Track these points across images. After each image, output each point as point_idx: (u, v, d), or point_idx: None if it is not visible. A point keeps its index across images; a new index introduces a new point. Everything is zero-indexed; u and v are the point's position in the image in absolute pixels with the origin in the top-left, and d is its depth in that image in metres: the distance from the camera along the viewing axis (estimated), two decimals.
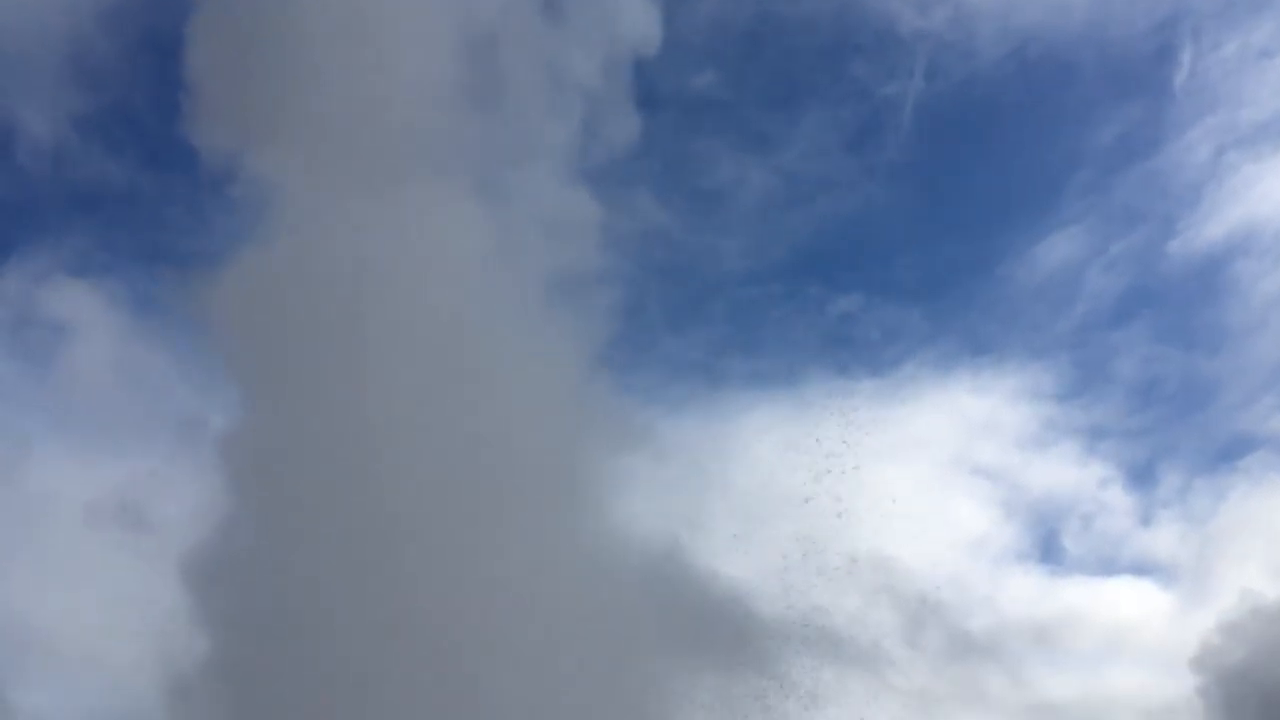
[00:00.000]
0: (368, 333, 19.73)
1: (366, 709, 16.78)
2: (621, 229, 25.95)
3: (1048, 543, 46.86)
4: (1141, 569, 46.22)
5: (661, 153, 38.32)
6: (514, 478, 20.12)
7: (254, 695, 17.57)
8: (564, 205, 22.85)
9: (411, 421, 19.25)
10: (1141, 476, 46.50)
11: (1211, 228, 45.34)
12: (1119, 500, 46.08)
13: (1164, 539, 46.16)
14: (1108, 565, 46.50)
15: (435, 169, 22.00)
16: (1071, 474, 45.98)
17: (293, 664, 17.36)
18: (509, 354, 20.89)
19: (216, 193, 22.14)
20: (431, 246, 20.95)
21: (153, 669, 18.76)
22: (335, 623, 17.54)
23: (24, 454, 30.06)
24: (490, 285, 21.56)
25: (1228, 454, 45.76)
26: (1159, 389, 46.43)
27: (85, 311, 28.64)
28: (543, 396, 20.89)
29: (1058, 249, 46.16)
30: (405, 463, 18.85)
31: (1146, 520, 46.38)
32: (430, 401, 19.52)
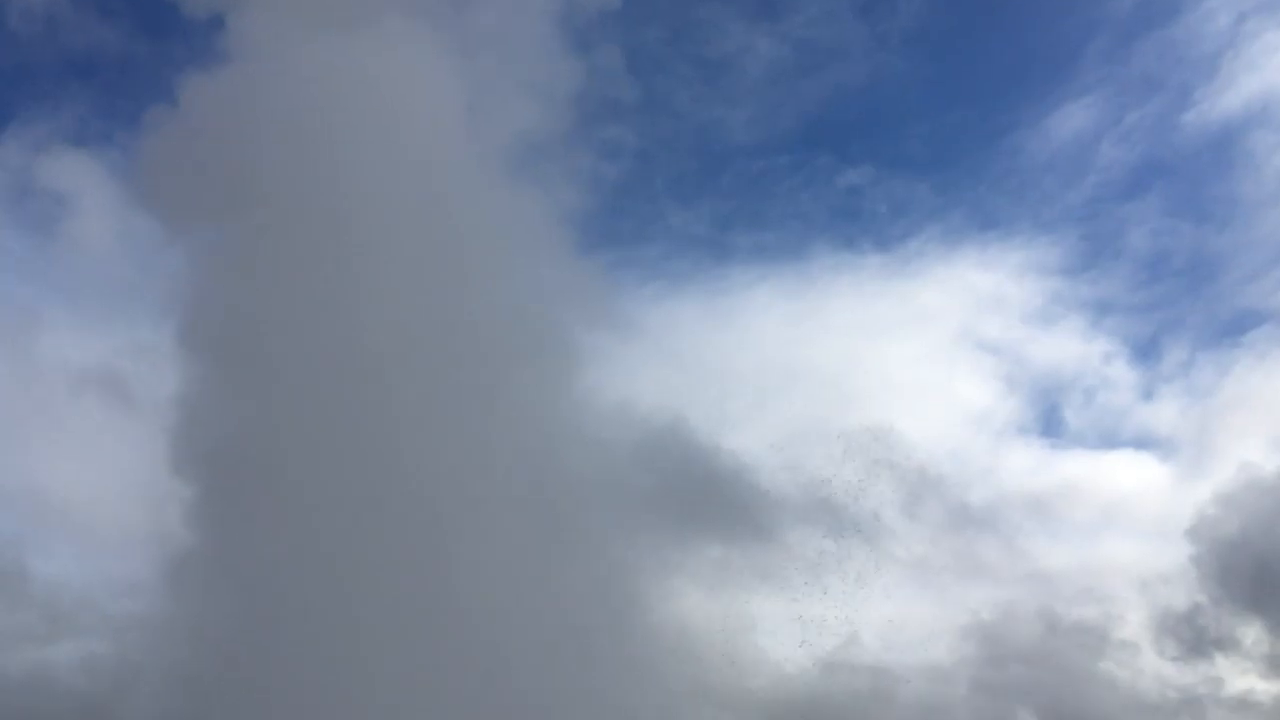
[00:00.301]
0: (343, 182, 19.22)
1: (358, 576, 16.89)
2: (620, 97, 25.18)
3: (1049, 416, 47.06)
4: (1141, 442, 46.53)
5: (665, 19, 37.02)
6: (499, 342, 19.88)
7: (243, 570, 17.44)
8: (545, 64, 21.87)
9: (395, 292, 18.91)
10: (1146, 351, 46.33)
11: (1228, 98, 43.68)
12: (1122, 375, 46.07)
13: (1165, 413, 46.30)
14: (1108, 439, 46.80)
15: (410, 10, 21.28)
16: (1076, 348, 45.83)
17: (284, 536, 17.31)
18: (485, 218, 20.34)
19: (207, 54, 21.22)
20: (403, 93, 20.25)
21: (150, 540, 18.87)
22: (321, 493, 17.49)
23: (30, 323, 29.82)
24: (463, 146, 20.89)
25: (1233, 328, 45.48)
26: (1167, 263, 45.85)
27: (85, 181, 27.95)
28: (516, 265, 20.48)
29: (1071, 120, 44.86)
30: (390, 332, 18.57)
31: (1149, 394, 46.47)
32: (407, 273, 19.11)
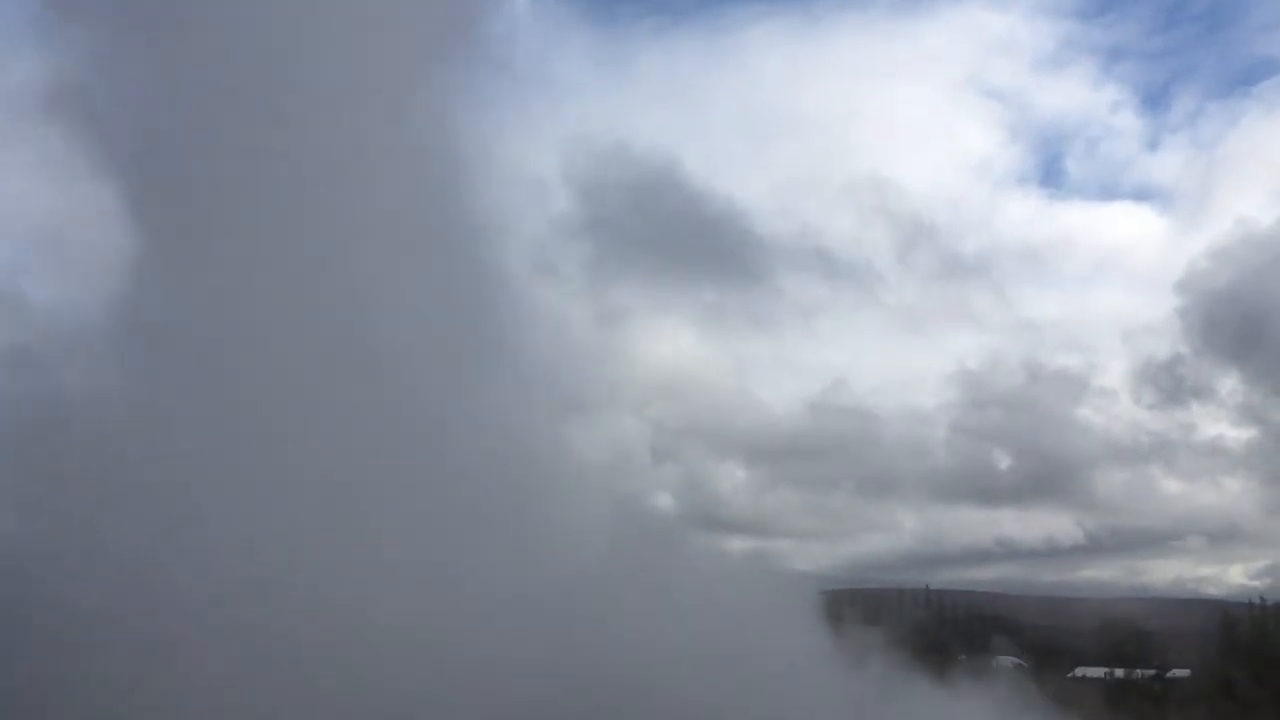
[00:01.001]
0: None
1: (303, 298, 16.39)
2: None
3: (1050, 166, 46.18)
4: (1141, 194, 45.82)
5: None
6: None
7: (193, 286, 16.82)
8: None
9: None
10: (1154, 100, 44.97)
11: None
12: (1128, 124, 44.83)
13: (1168, 164, 45.41)
14: (1108, 190, 46.08)
15: None
16: (1083, 96, 44.49)
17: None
18: None
19: None
20: None
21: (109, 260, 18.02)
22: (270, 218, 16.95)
23: None
24: None
25: (1246, 78, 44.09)
26: (1186, 8, 43.94)
27: None
28: None
29: None
30: None
31: (1153, 145, 45.38)
32: None
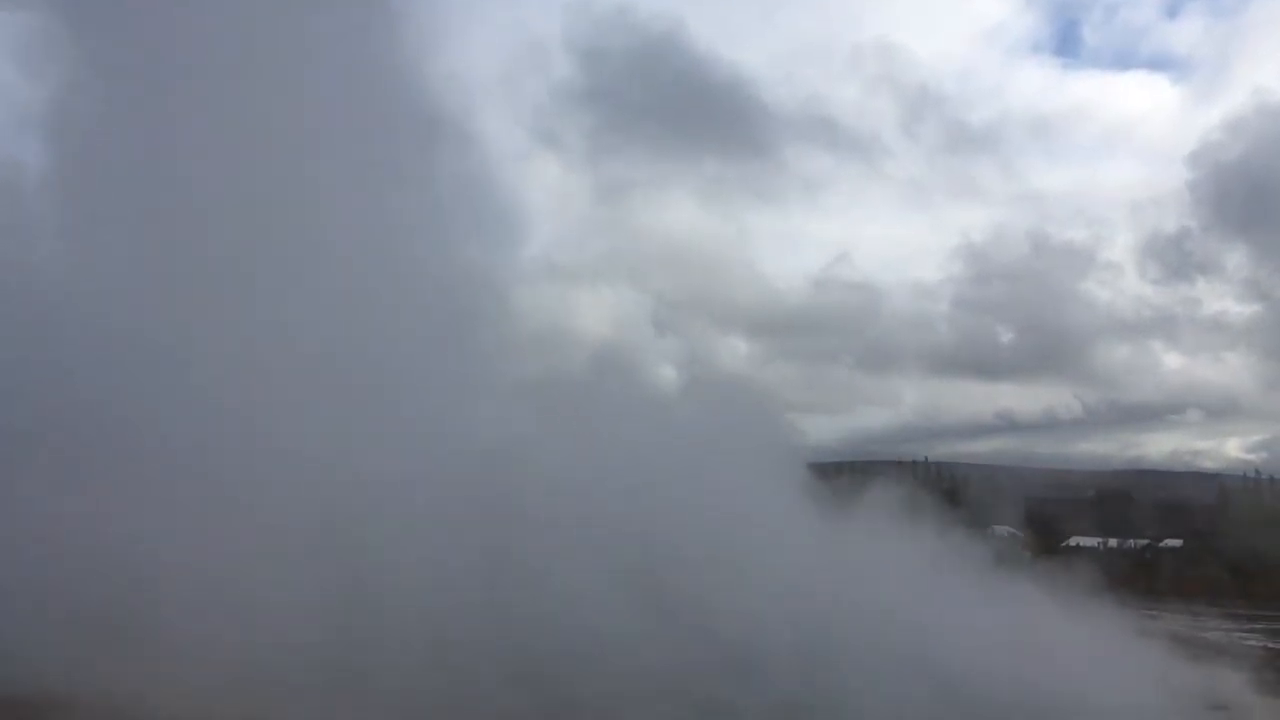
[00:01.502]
0: None
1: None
2: None
3: (1065, 34, 44.58)
4: (1157, 64, 44.38)
5: None
6: None
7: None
8: None
9: None
10: None
11: None
12: None
13: (1187, 32, 43.84)
14: (1123, 59, 44.61)
15: None
16: None
17: None
18: None
19: None
20: None
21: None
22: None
23: None
24: None
25: None
26: None
27: None
28: None
29: None
30: None
31: (1173, 12, 43.68)
32: None
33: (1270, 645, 24.25)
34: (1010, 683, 13.96)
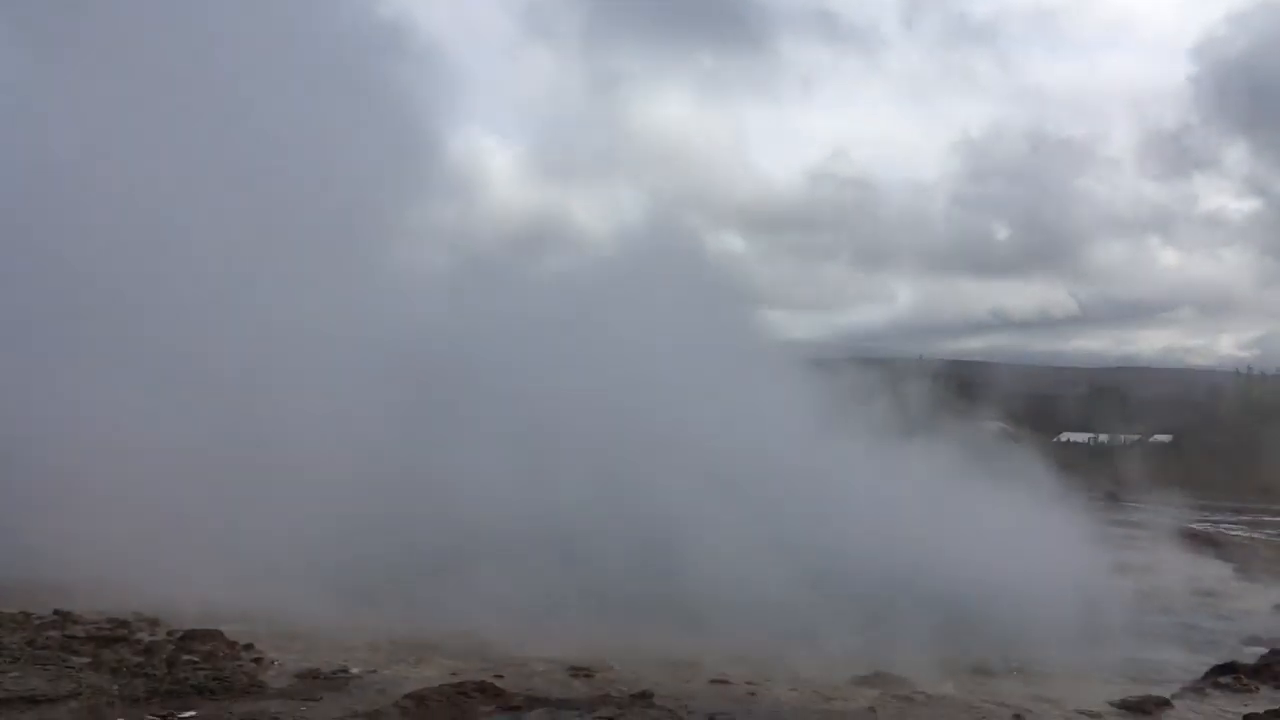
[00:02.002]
0: None
1: None
2: None
3: None
4: None
5: None
6: None
7: None
8: None
9: None
10: None
11: None
12: None
13: None
14: None
15: None
16: None
17: None
18: None
19: None
20: None
21: None
22: None
23: None
24: None
25: None
26: None
27: None
28: None
29: None
30: None
31: None
32: None
33: (1255, 536, 24.59)
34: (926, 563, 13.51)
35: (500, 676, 8.46)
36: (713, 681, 8.87)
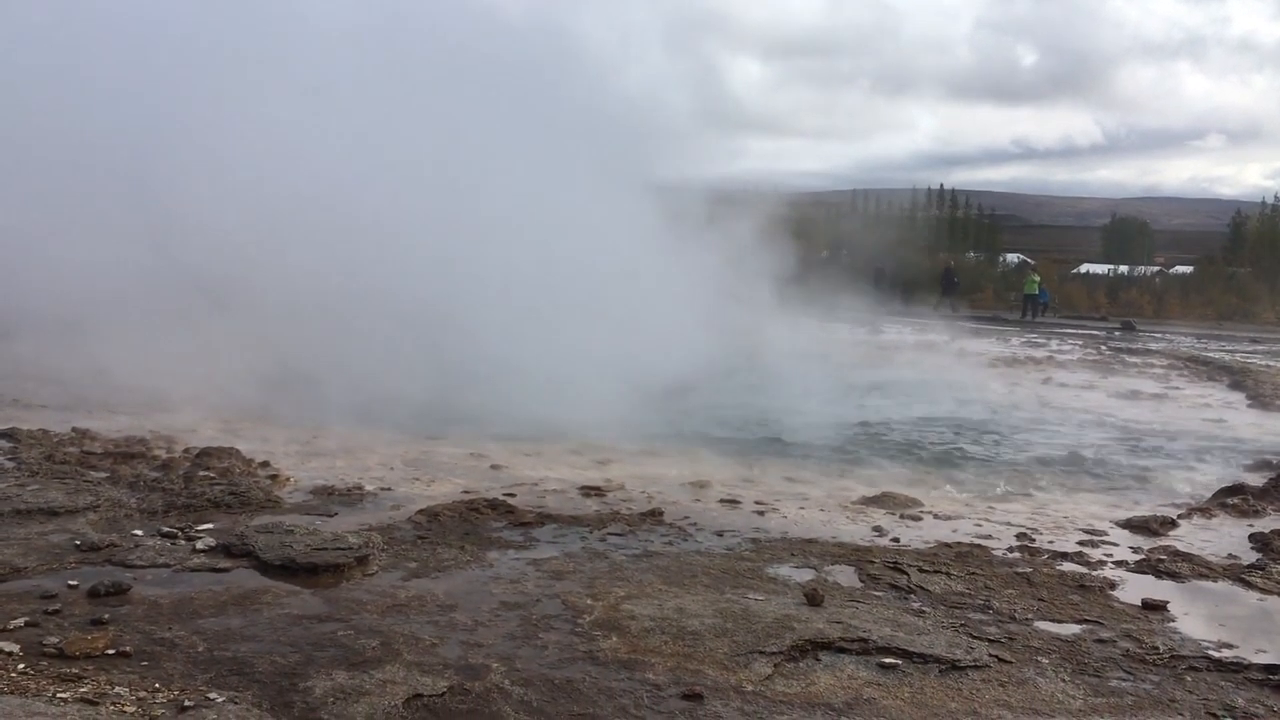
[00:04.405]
0: None
1: None
2: None
3: None
4: None
5: None
6: None
7: None
8: None
9: None
10: None
11: None
12: None
13: None
14: None
15: None
16: None
17: None
18: None
19: None
20: None
21: None
22: None
23: None
24: None
25: None
26: None
27: None
28: None
29: None
30: None
31: None
32: None
33: (1271, 364, 24.53)
34: None
35: (512, 495, 8.57)
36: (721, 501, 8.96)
